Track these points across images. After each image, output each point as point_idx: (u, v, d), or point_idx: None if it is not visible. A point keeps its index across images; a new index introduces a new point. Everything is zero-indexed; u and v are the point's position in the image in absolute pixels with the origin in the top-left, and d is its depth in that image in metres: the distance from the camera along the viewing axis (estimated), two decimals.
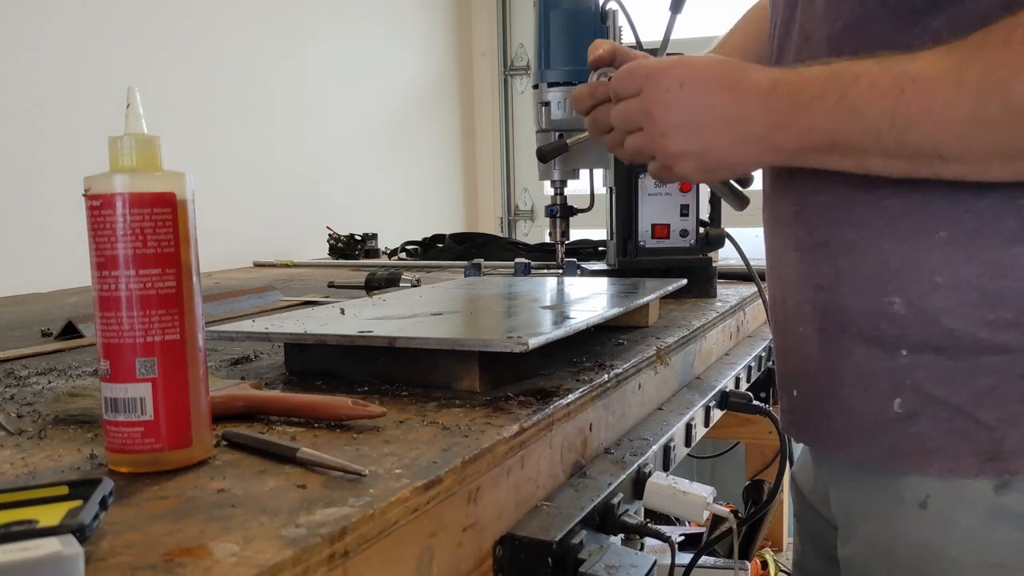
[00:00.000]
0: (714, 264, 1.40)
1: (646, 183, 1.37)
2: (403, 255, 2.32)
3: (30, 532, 0.39)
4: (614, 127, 0.78)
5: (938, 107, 0.59)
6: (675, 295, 1.22)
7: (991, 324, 0.65)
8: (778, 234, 0.79)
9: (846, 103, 0.62)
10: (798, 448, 0.95)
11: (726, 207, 1.40)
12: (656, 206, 1.37)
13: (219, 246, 2.03)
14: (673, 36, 0.91)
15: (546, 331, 0.77)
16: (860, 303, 0.70)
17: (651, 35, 1.40)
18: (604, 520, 0.71)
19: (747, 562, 1.70)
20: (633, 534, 0.73)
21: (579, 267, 1.53)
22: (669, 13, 0.96)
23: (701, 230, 1.39)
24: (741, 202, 0.89)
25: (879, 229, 0.68)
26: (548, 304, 1.04)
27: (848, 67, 0.63)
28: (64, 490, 0.45)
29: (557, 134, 1.41)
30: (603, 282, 1.23)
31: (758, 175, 0.83)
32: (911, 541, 0.69)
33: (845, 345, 0.72)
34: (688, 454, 1.02)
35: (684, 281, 1.21)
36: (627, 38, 1.34)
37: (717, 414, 1.11)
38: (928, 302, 0.67)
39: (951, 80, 0.58)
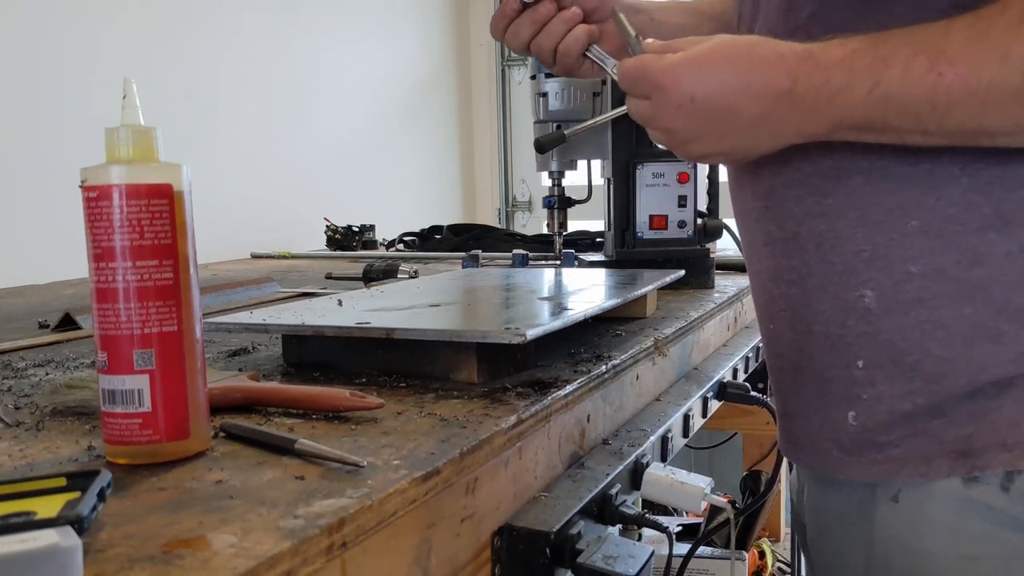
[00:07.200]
0: (712, 255, 1.40)
1: (644, 174, 1.37)
2: (401, 246, 2.31)
3: (28, 524, 0.39)
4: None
5: (983, 87, 0.56)
6: (673, 286, 1.22)
7: (967, 320, 0.64)
8: (748, 230, 0.77)
9: (879, 93, 0.59)
10: None
11: (723, 200, 1.40)
12: (654, 197, 1.37)
13: (216, 237, 2.03)
14: None
15: (544, 322, 0.77)
16: (828, 298, 0.69)
17: None
18: (602, 511, 0.71)
19: (745, 552, 1.71)
20: (631, 524, 0.73)
21: (577, 258, 1.53)
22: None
23: (699, 221, 1.39)
24: None
25: (852, 219, 0.67)
26: (546, 295, 1.03)
27: (873, 49, 0.59)
28: (62, 482, 0.45)
29: (555, 125, 1.41)
30: (601, 273, 1.23)
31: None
32: (886, 535, 0.69)
33: (809, 346, 0.71)
34: (686, 445, 1.02)
35: (682, 272, 1.21)
36: None
37: (715, 405, 1.11)
38: (902, 292, 0.65)
39: (996, 57, 0.56)
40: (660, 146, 0.73)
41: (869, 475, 0.69)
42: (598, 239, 1.90)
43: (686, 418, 0.97)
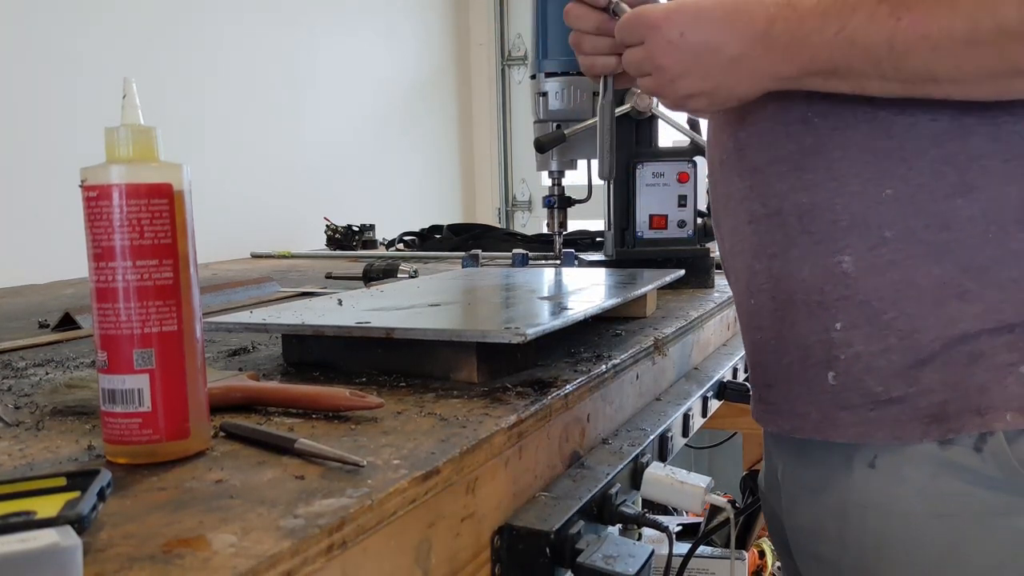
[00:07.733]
0: (712, 254, 1.40)
1: (644, 174, 1.37)
2: (401, 246, 2.31)
3: (28, 523, 0.39)
4: (625, 70, 0.80)
5: (935, 33, 0.61)
6: (673, 285, 1.22)
7: (936, 279, 0.68)
8: (731, 213, 0.81)
9: (845, 35, 0.65)
10: None
11: None
12: (654, 196, 1.37)
13: (216, 237, 2.03)
14: None
15: (544, 322, 0.77)
16: (808, 267, 0.72)
17: None
18: (602, 510, 0.71)
19: (744, 552, 1.71)
20: (631, 524, 0.73)
21: (577, 258, 1.53)
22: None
23: (699, 220, 1.39)
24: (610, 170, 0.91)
25: (831, 191, 0.71)
26: (546, 295, 1.04)
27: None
28: (62, 481, 0.45)
29: (555, 124, 1.41)
30: (601, 273, 1.23)
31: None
32: (861, 500, 0.71)
33: (790, 315, 0.74)
34: (686, 444, 1.02)
35: (682, 272, 1.21)
36: None
37: (715, 404, 1.11)
38: (878, 255, 0.69)
39: (947, 5, 0.61)
40: (647, 93, 0.80)
41: (847, 436, 0.71)
42: (598, 239, 1.90)
43: (686, 418, 0.97)
